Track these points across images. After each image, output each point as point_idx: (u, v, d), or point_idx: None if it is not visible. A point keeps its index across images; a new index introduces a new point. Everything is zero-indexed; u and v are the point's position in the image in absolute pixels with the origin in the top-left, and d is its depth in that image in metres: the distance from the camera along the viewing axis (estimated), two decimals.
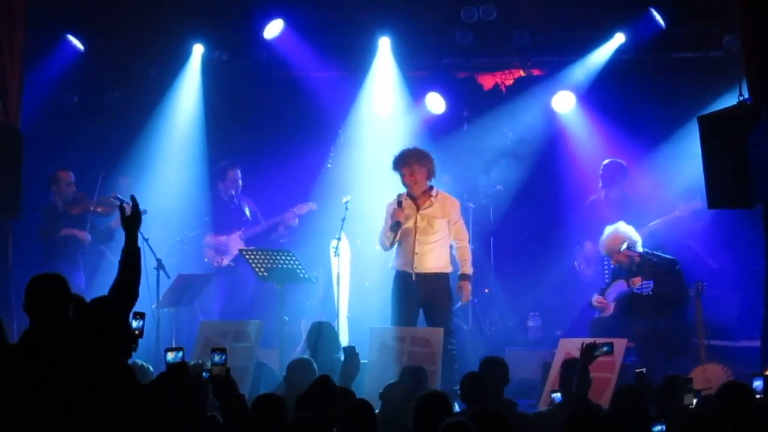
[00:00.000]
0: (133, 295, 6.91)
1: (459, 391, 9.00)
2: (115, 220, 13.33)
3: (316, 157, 15.23)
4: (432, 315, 11.84)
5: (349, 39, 15.04)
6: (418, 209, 11.90)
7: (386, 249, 12.12)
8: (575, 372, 8.55)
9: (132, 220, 7.24)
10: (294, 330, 13.62)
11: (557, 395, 8.99)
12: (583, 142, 14.97)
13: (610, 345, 8.88)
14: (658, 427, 6.73)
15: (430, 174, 11.96)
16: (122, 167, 14.64)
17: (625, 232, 12.50)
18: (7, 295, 12.01)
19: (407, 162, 11.90)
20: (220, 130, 15.27)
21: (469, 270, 11.99)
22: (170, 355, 6.66)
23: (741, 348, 12.75)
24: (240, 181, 14.45)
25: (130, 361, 6.74)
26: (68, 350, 6.11)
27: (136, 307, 6.73)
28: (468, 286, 11.97)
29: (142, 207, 12.82)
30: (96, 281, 13.27)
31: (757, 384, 8.27)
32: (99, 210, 13.53)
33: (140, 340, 6.71)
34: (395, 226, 11.82)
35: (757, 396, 8.15)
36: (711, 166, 10.99)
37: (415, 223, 11.87)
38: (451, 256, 12.05)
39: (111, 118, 15.12)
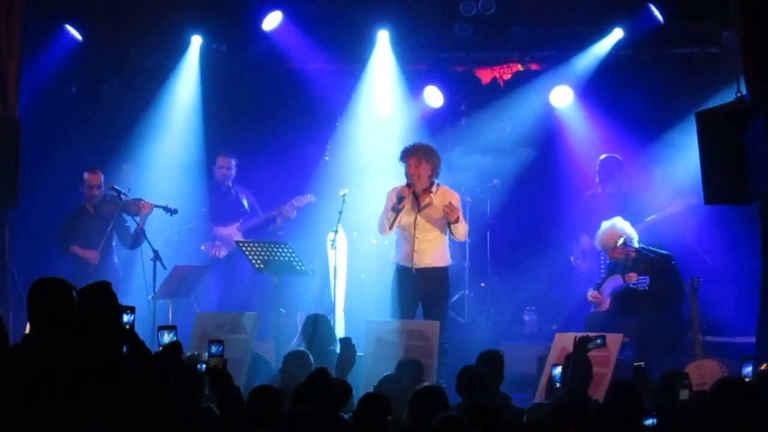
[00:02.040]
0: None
1: (445, 384, 9.03)
2: (137, 224, 13.25)
3: (313, 149, 15.23)
4: (430, 307, 11.88)
5: (348, 31, 15.04)
6: (418, 206, 11.91)
7: (383, 233, 12.11)
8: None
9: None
10: (290, 322, 13.62)
11: (557, 373, 8.99)
12: (581, 137, 14.97)
13: (603, 338, 8.98)
14: (650, 421, 6.75)
15: (434, 172, 11.92)
16: (120, 158, 14.64)
17: (622, 228, 12.51)
18: (4, 286, 11.99)
19: (416, 153, 11.87)
20: (218, 121, 15.25)
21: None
22: (166, 337, 6.62)
23: (736, 344, 12.76)
24: (233, 170, 14.42)
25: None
26: (69, 349, 6.10)
27: (128, 301, 6.69)
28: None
29: (170, 205, 13.01)
30: None
31: (747, 370, 8.39)
32: (130, 209, 13.39)
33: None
34: (398, 201, 11.78)
35: (747, 380, 8.31)
36: (708, 162, 11.00)
37: (415, 220, 11.88)
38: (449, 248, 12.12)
39: (109, 109, 15.09)
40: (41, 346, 6.07)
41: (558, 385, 8.92)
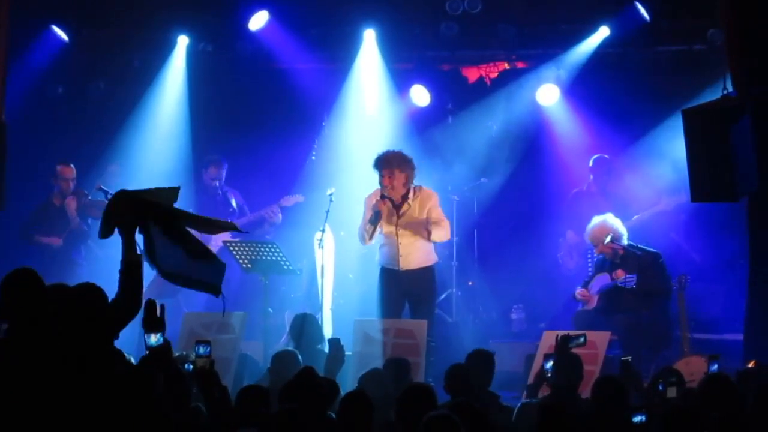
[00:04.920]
0: (137, 307, 6.80)
1: (433, 383, 9.01)
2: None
3: (300, 148, 15.21)
4: (417, 306, 11.92)
5: (334, 31, 15.04)
6: (397, 213, 11.90)
7: (364, 244, 12.14)
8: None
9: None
10: (278, 322, 13.59)
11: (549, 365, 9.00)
12: (568, 135, 14.98)
13: (584, 336, 9.03)
14: (639, 418, 6.76)
15: (409, 180, 11.91)
16: (106, 159, 14.62)
17: (612, 224, 12.53)
18: None
19: (388, 164, 11.86)
20: (205, 121, 15.24)
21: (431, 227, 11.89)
22: (153, 338, 6.56)
23: (724, 341, 12.79)
24: (224, 176, 14.42)
25: None
26: (51, 343, 6.09)
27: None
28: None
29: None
30: None
31: (714, 368, 8.48)
32: (91, 214, 13.44)
33: (122, 332, 6.67)
34: (374, 217, 11.81)
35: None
36: (695, 159, 11.01)
37: (396, 227, 11.88)
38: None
39: (96, 110, 15.09)
40: (20, 342, 6.07)
41: (549, 374, 8.93)
